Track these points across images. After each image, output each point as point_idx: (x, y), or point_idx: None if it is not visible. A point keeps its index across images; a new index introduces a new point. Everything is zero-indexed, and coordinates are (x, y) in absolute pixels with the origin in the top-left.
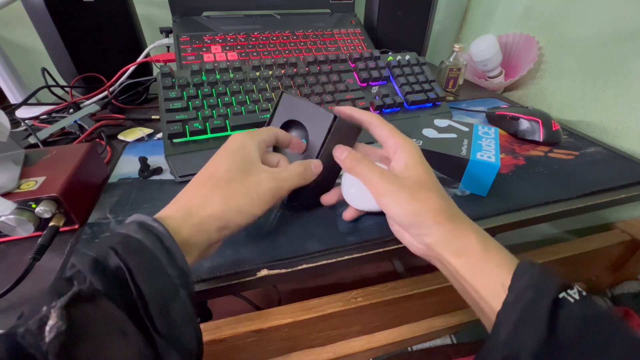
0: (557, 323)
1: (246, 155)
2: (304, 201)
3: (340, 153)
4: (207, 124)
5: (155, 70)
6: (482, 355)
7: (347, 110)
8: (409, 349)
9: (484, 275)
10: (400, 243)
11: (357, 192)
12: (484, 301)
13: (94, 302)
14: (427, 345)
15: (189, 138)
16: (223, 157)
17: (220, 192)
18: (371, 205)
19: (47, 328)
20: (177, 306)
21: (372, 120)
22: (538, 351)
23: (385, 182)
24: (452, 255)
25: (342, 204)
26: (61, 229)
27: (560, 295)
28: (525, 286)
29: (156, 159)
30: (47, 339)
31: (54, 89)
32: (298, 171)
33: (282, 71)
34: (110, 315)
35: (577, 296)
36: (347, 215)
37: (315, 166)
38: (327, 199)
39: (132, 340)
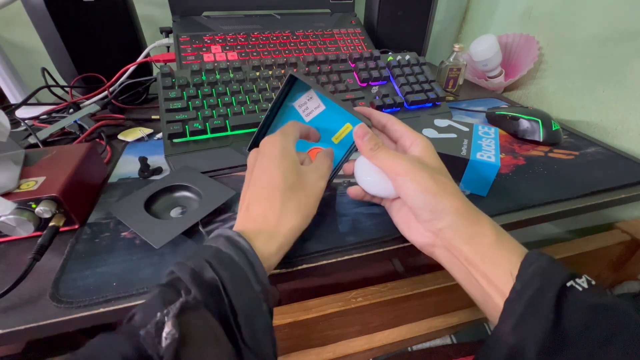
0: (563, 312)
1: (293, 158)
2: None
3: (364, 133)
4: (207, 124)
5: (155, 70)
6: (489, 344)
7: (366, 111)
8: (409, 349)
9: (495, 262)
10: (401, 243)
11: (370, 175)
12: (494, 288)
13: (197, 311)
14: (427, 345)
15: (189, 138)
16: (272, 165)
17: (292, 203)
18: (384, 189)
19: (164, 334)
20: (260, 318)
21: (390, 118)
22: (544, 340)
23: (404, 161)
24: (464, 242)
25: (342, 204)
26: (61, 229)
27: (568, 284)
28: (533, 274)
29: (156, 159)
30: (163, 344)
31: (54, 89)
32: (329, 164)
33: (282, 71)
34: (209, 324)
35: (585, 285)
36: (353, 192)
37: (332, 154)
38: (355, 193)
39: (225, 348)
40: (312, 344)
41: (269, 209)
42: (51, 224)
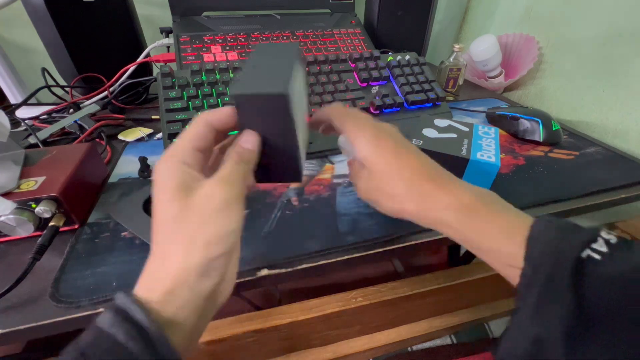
0: (584, 291)
1: (178, 177)
2: (275, 178)
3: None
4: None
5: (155, 70)
6: (511, 334)
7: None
8: (409, 349)
9: (497, 239)
10: (401, 242)
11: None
12: (503, 265)
13: None
14: (427, 345)
15: None
16: (156, 196)
17: (176, 235)
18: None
19: None
20: None
21: (328, 114)
22: (568, 328)
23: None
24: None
25: (342, 204)
26: (61, 229)
27: (584, 254)
28: (542, 253)
29: (156, 159)
30: None
31: (54, 89)
32: (235, 160)
33: None
34: None
35: (604, 249)
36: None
37: (246, 142)
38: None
39: None
40: (312, 344)
41: (155, 255)
42: (51, 223)
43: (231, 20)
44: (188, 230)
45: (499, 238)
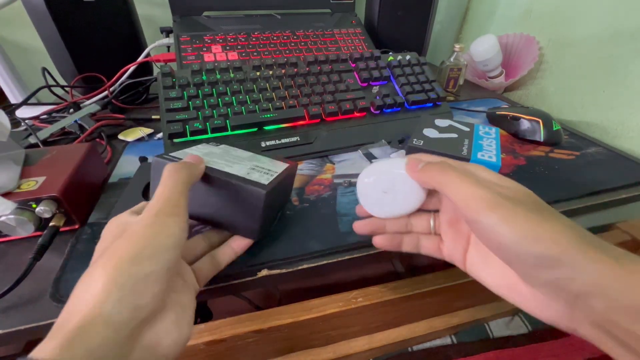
0: None
1: (117, 221)
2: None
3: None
4: (207, 123)
5: (156, 70)
6: None
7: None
8: (409, 349)
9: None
10: None
11: (380, 199)
12: None
13: None
14: (427, 345)
15: (189, 138)
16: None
17: (97, 260)
18: (400, 209)
19: None
20: None
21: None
22: None
23: (483, 189)
24: (630, 314)
25: (342, 204)
26: (61, 229)
27: None
28: None
29: None
30: None
31: (54, 89)
32: (178, 191)
33: (283, 71)
34: None
35: None
36: (362, 227)
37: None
38: (360, 228)
39: None
40: (312, 344)
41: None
42: (51, 223)
43: (231, 20)
44: (111, 250)
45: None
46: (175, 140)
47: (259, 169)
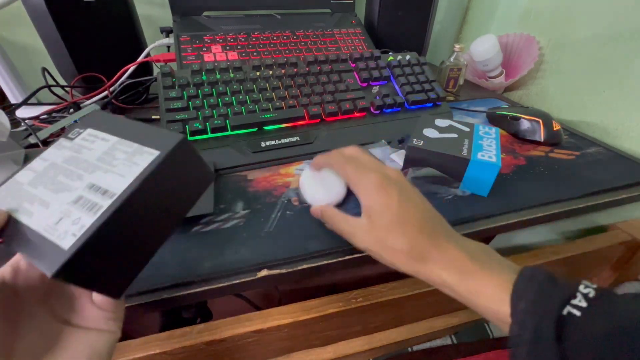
0: (567, 351)
1: None
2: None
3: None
4: (207, 123)
5: (156, 70)
6: None
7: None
8: (409, 349)
9: (483, 294)
10: None
11: (317, 193)
12: (492, 316)
13: None
14: (427, 345)
15: (189, 138)
16: None
17: None
18: (330, 198)
19: None
20: None
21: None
22: None
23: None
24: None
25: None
26: None
27: (565, 312)
28: (525, 311)
29: None
30: None
31: (54, 89)
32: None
33: (283, 71)
34: None
35: (583, 303)
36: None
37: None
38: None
39: None
40: (312, 344)
41: None
42: None
43: (231, 20)
44: None
45: (493, 299)
46: None
47: (85, 201)
